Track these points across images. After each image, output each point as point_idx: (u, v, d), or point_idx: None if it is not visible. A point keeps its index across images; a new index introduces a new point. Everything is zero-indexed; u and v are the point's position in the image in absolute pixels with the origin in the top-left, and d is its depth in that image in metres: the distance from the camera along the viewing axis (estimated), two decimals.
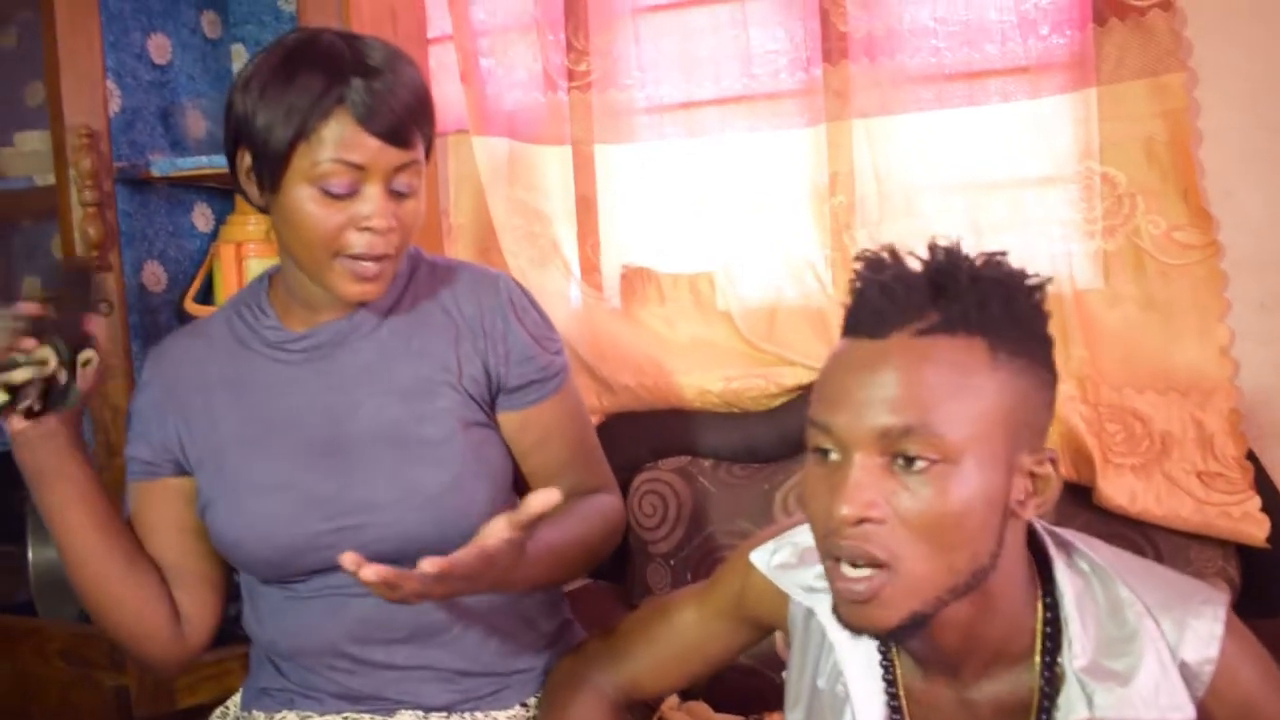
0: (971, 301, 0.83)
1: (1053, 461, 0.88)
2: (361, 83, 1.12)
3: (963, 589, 0.85)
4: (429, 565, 1.00)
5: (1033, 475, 0.87)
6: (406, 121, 1.16)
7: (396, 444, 1.23)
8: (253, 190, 1.20)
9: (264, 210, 1.24)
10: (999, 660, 0.93)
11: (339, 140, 1.12)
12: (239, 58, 2.07)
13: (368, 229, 1.15)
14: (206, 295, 1.89)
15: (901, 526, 0.82)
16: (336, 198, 1.14)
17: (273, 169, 1.14)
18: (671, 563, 1.76)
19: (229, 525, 1.24)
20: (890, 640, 0.92)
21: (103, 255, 1.67)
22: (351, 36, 1.18)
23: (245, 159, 1.18)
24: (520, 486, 1.36)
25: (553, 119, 1.96)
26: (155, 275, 1.91)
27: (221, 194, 2.01)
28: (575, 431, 1.36)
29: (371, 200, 1.15)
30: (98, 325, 1.17)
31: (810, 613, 1.03)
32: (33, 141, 1.95)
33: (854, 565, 0.84)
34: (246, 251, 1.84)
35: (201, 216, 2.00)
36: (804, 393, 1.70)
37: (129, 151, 1.86)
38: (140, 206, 1.87)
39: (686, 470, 1.80)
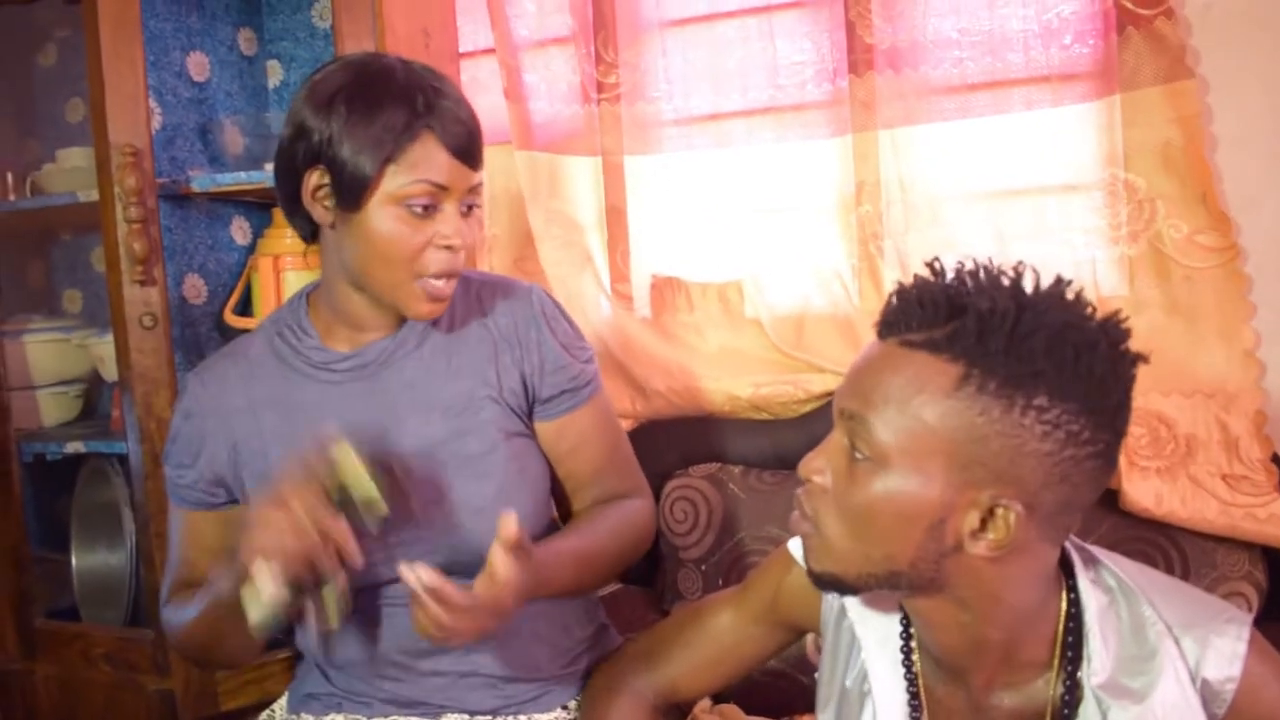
0: (970, 330, 0.84)
1: (1018, 515, 0.85)
2: (441, 107, 1.17)
3: (885, 579, 0.90)
4: (461, 596, 1.07)
5: (991, 513, 0.86)
6: (478, 143, 1.21)
7: (441, 460, 1.26)
8: (319, 210, 1.20)
9: (311, 234, 1.26)
10: (1012, 667, 0.95)
11: (426, 162, 1.16)
12: (274, 74, 2.11)
13: (446, 247, 1.19)
14: (245, 307, 1.92)
15: (834, 499, 0.90)
16: (418, 217, 1.17)
17: (357, 190, 1.16)
18: (703, 568, 1.78)
19: None
20: (817, 586, 0.96)
21: (147, 270, 1.70)
22: (410, 62, 1.21)
23: (315, 178, 1.19)
24: (556, 492, 1.40)
25: (584, 131, 2.00)
26: (195, 288, 1.94)
27: (259, 208, 2.04)
28: (608, 438, 1.38)
29: (451, 219, 1.19)
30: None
31: (842, 612, 1.06)
32: (74, 158, 1.99)
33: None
34: (284, 264, 1.86)
35: (239, 230, 2.03)
36: (831, 399, 1.72)
37: (169, 168, 1.90)
38: (181, 221, 1.90)
39: (716, 477, 1.82)
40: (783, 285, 1.93)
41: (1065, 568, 0.96)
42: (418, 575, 1.05)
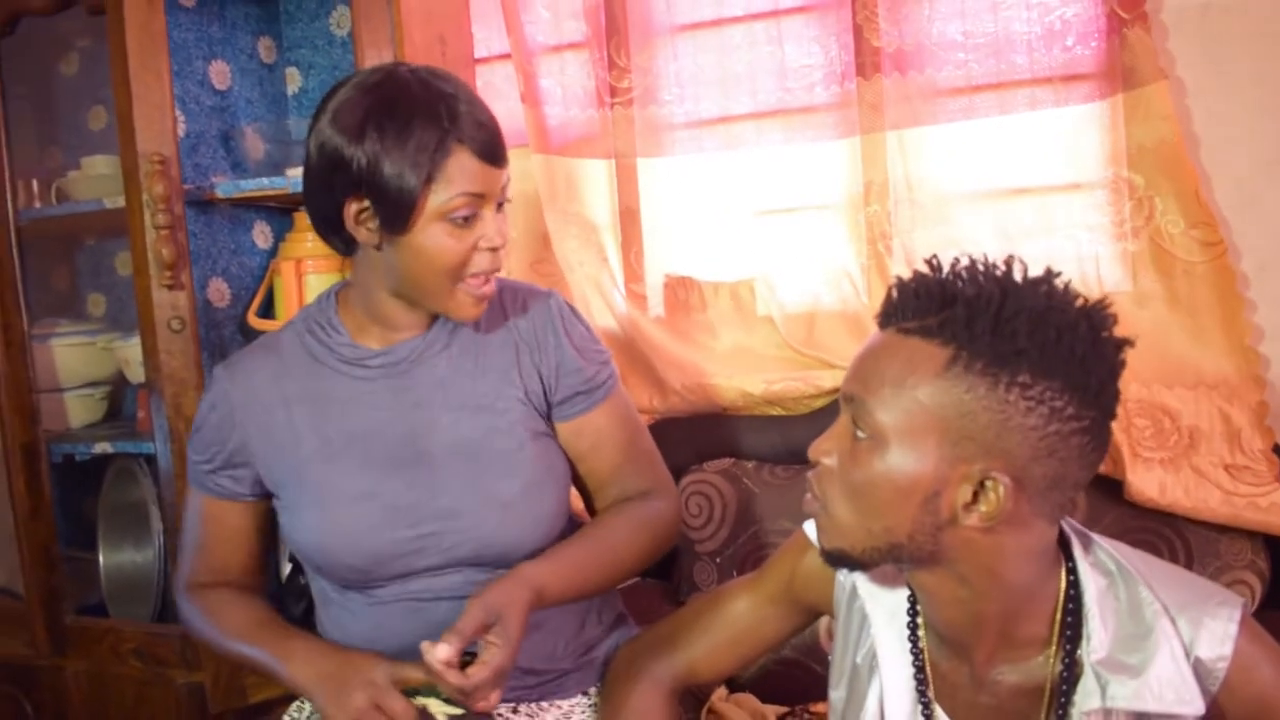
0: (959, 316, 0.89)
1: (1007, 488, 0.89)
2: (462, 115, 1.19)
3: (887, 552, 0.95)
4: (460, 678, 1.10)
5: (982, 486, 0.90)
6: (502, 141, 1.23)
7: (471, 455, 1.29)
8: (363, 232, 1.22)
9: (348, 250, 1.28)
10: (1013, 644, 0.99)
11: (462, 175, 1.19)
12: (293, 81, 2.15)
13: (490, 249, 1.23)
14: (267, 309, 1.96)
15: (839, 478, 0.95)
16: (461, 227, 1.20)
17: (404, 214, 1.19)
18: (717, 560, 1.82)
19: (317, 533, 1.29)
20: (828, 564, 1.01)
21: (175, 275, 1.74)
22: (416, 69, 1.22)
23: (356, 205, 1.21)
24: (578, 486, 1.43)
25: (598, 134, 2.04)
26: (220, 291, 1.98)
27: (280, 213, 2.08)
28: (625, 437, 1.40)
29: (490, 221, 1.22)
30: None
31: (854, 593, 1.10)
32: (99, 165, 2.03)
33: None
34: (305, 267, 1.90)
35: (261, 234, 2.07)
36: None
37: (194, 174, 1.93)
38: (205, 226, 1.94)
39: (730, 472, 1.86)
40: (793, 284, 1.96)
41: (1065, 550, 0.99)
42: (431, 655, 1.10)
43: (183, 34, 1.92)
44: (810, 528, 1.14)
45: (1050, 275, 0.92)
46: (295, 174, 1.84)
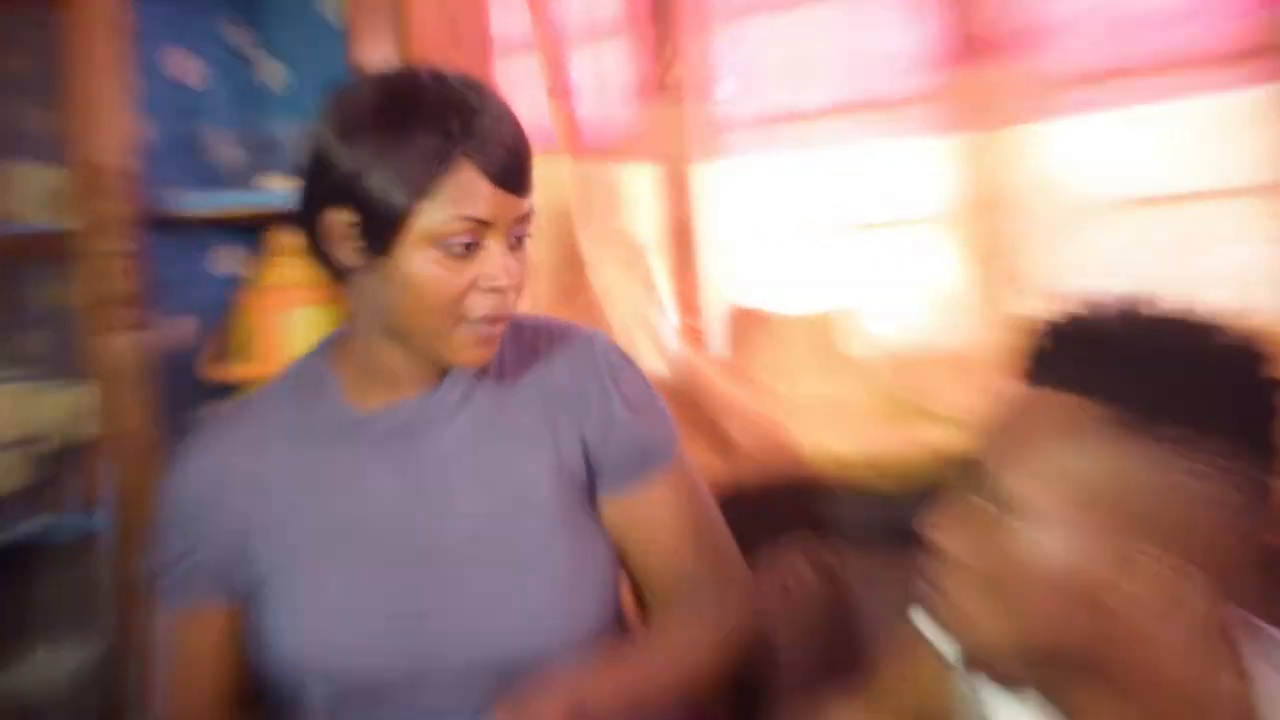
0: (1107, 368, 0.83)
1: (1167, 567, 0.80)
2: (479, 130, 1.09)
3: (1027, 656, 0.86)
4: None
5: (1138, 567, 0.81)
6: (526, 165, 1.14)
7: (492, 547, 1.18)
8: (345, 251, 1.13)
9: (338, 276, 1.17)
10: None
11: (465, 195, 1.09)
12: (275, 76, 2.05)
13: (493, 289, 1.11)
14: (237, 351, 1.81)
15: (967, 566, 0.89)
16: (458, 258, 1.10)
17: (388, 231, 1.10)
18: (801, 673, 1.65)
19: (296, 648, 1.17)
20: (965, 669, 0.92)
21: (132, 312, 1.63)
22: (444, 75, 1.14)
23: (339, 217, 1.12)
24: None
25: (643, 134, 1.99)
26: (182, 330, 1.82)
27: (253, 233, 1.91)
28: (689, 519, 1.27)
29: (495, 257, 1.11)
30: None
31: (977, 699, 1.00)
32: (31, 178, 1.86)
33: None
34: (286, 300, 1.76)
35: (230, 261, 1.93)
36: (955, 456, 1.59)
37: (155, 189, 1.75)
38: (165, 252, 1.76)
39: (817, 557, 1.73)
40: (890, 316, 1.89)
41: (1234, 649, 0.90)
42: None
43: (139, 21, 1.74)
44: (924, 623, 1.05)
45: (1217, 315, 0.84)
46: (274, 187, 1.76)
